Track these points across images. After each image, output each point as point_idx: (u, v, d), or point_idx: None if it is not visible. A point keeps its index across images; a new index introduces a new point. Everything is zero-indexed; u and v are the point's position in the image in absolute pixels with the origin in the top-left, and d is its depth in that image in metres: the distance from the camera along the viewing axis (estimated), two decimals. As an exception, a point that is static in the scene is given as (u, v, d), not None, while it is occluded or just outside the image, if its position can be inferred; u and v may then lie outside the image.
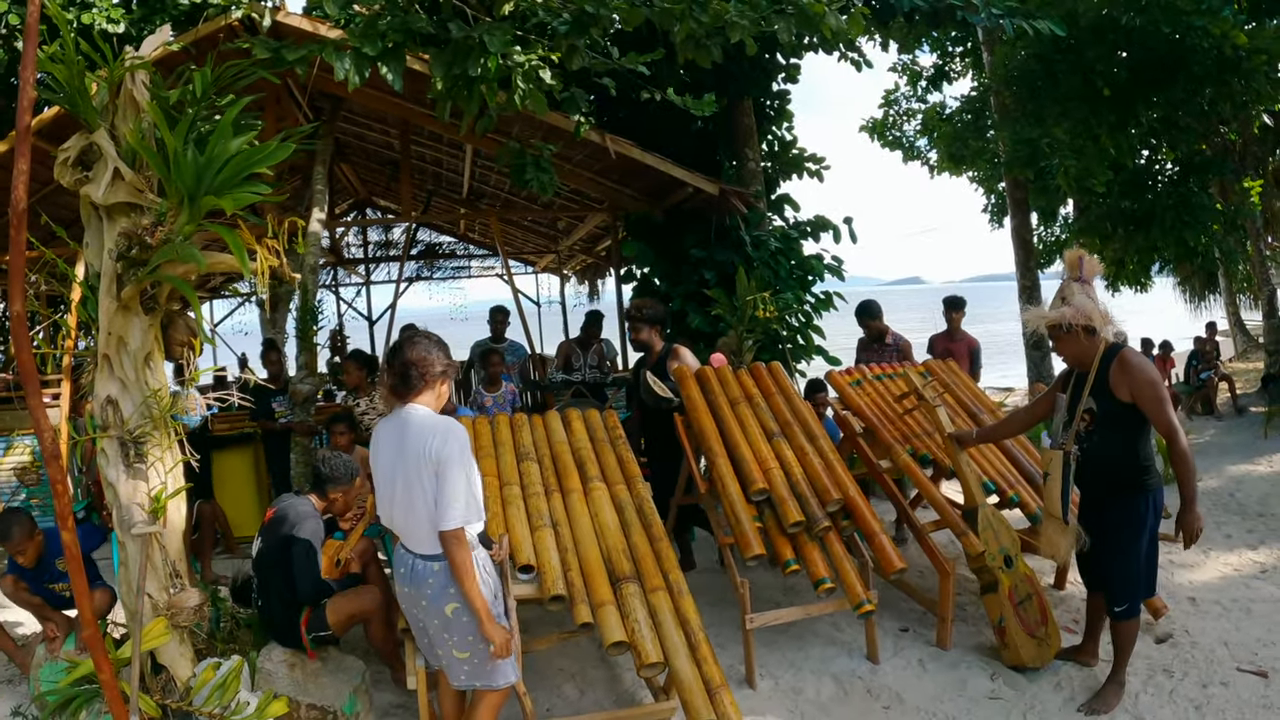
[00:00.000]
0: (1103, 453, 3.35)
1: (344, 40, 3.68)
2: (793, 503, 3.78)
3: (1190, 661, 3.69)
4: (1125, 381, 3.24)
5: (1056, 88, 7.24)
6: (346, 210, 11.65)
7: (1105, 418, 3.32)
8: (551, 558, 3.39)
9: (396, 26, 3.60)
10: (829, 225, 7.36)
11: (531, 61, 3.78)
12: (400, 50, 3.71)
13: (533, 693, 3.59)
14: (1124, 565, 3.32)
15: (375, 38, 3.59)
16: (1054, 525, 3.50)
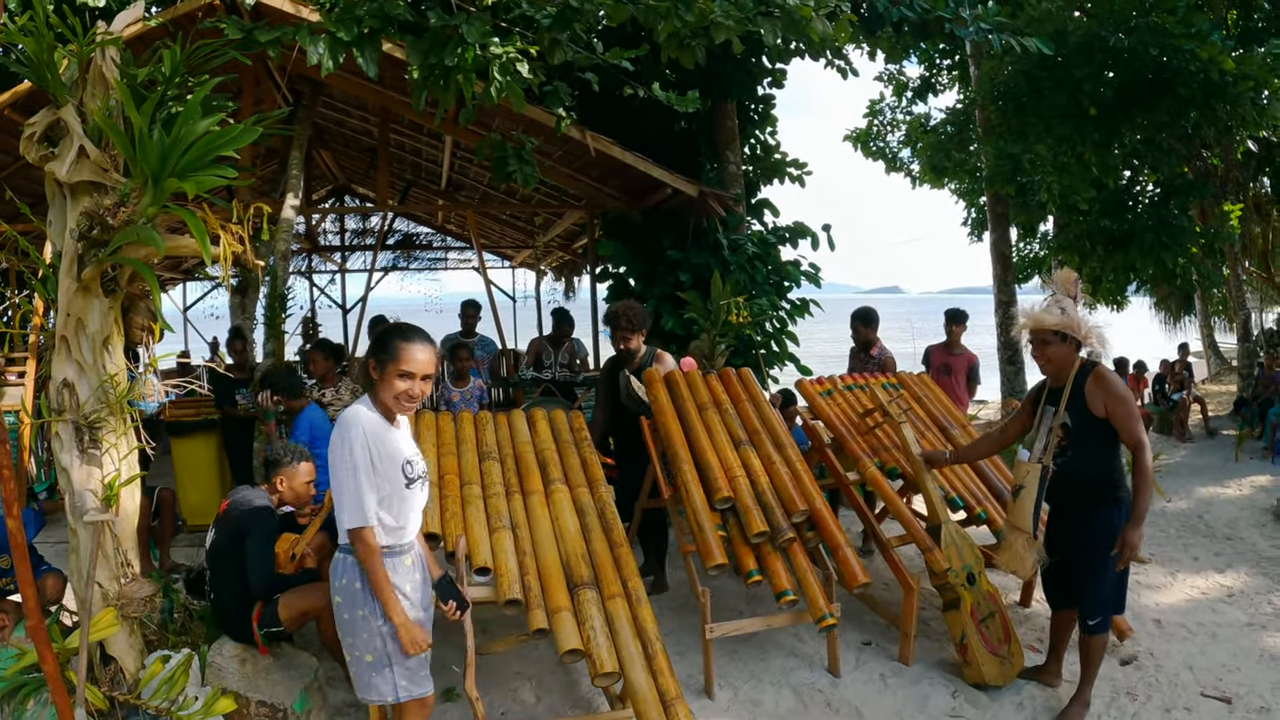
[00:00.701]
0: (1077, 468, 3.39)
1: (319, 24, 3.60)
2: (757, 512, 3.76)
3: (1154, 685, 3.72)
4: (1100, 396, 3.29)
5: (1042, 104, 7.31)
6: (324, 196, 11.49)
7: (1080, 433, 3.37)
8: (509, 561, 3.34)
9: (374, 13, 3.53)
10: (807, 232, 7.37)
11: (509, 54, 3.72)
12: (376, 37, 3.64)
13: (488, 696, 3.55)
14: (1098, 579, 3.35)
15: (351, 23, 3.52)
16: (1022, 540, 3.51)
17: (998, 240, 8.68)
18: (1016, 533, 3.54)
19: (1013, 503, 3.58)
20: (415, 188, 10.46)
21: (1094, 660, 3.44)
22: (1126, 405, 3.30)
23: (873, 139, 9.53)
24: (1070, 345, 3.39)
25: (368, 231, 12.73)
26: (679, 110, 4.86)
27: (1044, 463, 3.44)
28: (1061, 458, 3.42)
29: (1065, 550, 3.48)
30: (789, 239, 7.47)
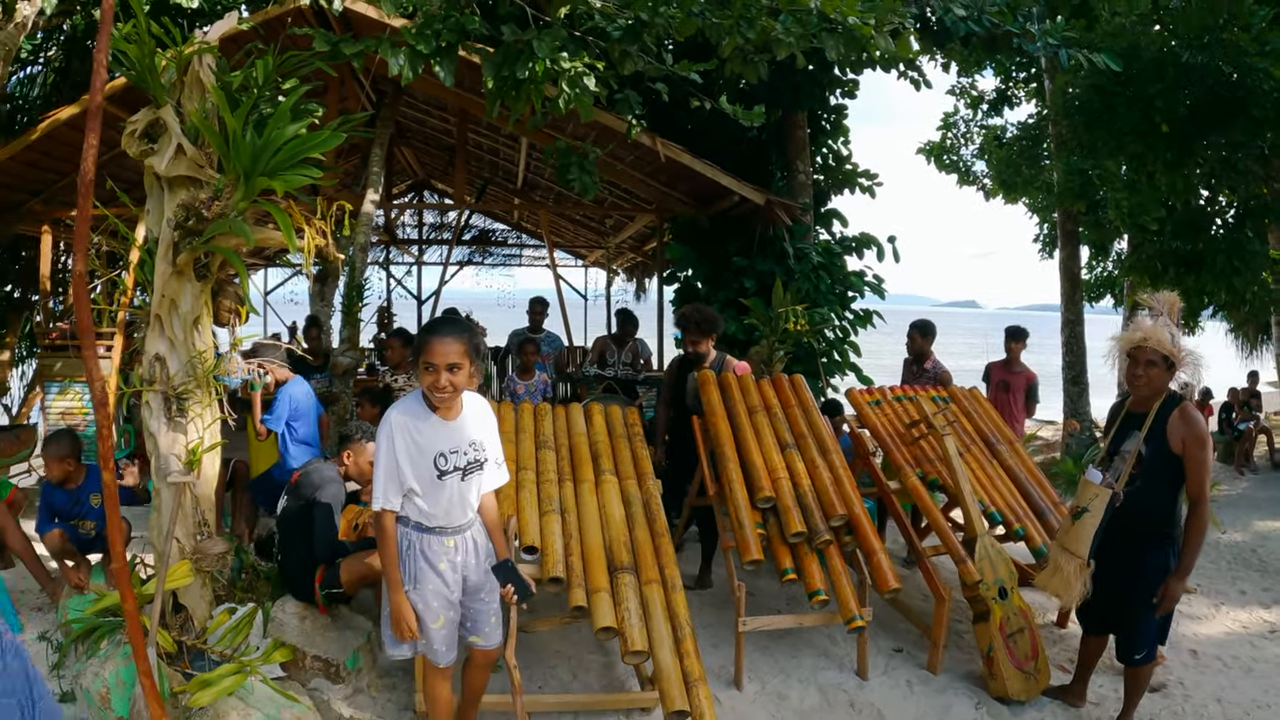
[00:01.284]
0: (1143, 501, 3.29)
1: (400, 38, 3.86)
2: (796, 513, 3.86)
3: (1179, 714, 3.67)
4: (1181, 433, 3.19)
5: (1114, 121, 7.12)
6: (404, 190, 11.99)
7: (1152, 465, 3.27)
8: (555, 542, 3.53)
9: (452, 27, 3.78)
10: (873, 242, 7.38)
11: (577, 68, 3.92)
12: (454, 49, 3.89)
13: (528, 670, 3.75)
14: (1146, 616, 3.29)
15: (430, 37, 3.78)
16: (1074, 565, 3.37)
17: (1067, 258, 8.47)
18: (1069, 557, 3.40)
19: (1070, 525, 3.43)
20: (492, 186, 10.83)
21: (1140, 689, 3.42)
22: (1205, 451, 3.18)
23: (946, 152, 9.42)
24: (1169, 372, 3.27)
25: (445, 226, 13.21)
26: (741, 122, 4.97)
27: (1115, 489, 3.30)
28: (1129, 487, 3.30)
29: (1113, 582, 3.36)
30: (855, 249, 7.50)
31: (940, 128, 9.21)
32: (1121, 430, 3.43)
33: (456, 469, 2.73)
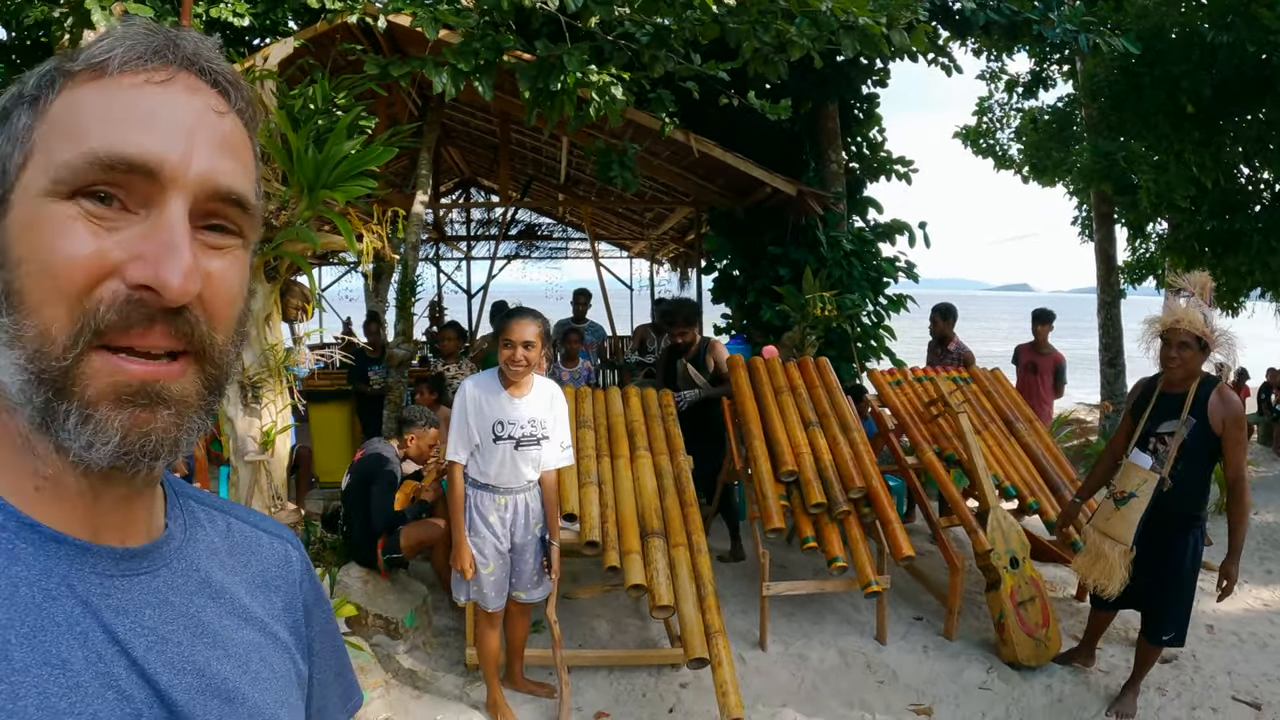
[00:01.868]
0: (1187, 484, 3.29)
1: (442, 58, 4.21)
2: (817, 485, 4.12)
3: (1187, 685, 3.79)
4: (1222, 414, 3.22)
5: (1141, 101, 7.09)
6: (452, 188, 12.43)
7: (1193, 447, 3.28)
8: (593, 510, 3.87)
9: (489, 45, 4.12)
10: (905, 228, 7.53)
11: (605, 79, 4.22)
12: (492, 66, 4.22)
13: (570, 630, 4.10)
14: (1184, 597, 3.34)
15: (470, 55, 4.11)
16: (1119, 552, 3.35)
17: (1102, 240, 8.44)
18: (1112, 544, 3.36)
19: (1115, 511, 3.39)
20: (537, 182, 11.19)
21: (1150, 662, 3.54)
22: (1243, 431, 3.25)
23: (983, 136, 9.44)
24: (1203, 353, 3.27)
25: (491, 222, 13.64)
26: (769, 116, 5.20)
27: (1163, 475, 3.27)
28: (1172, 471, 3.29)
29: (1141, 565, 3.35)
30: (886, 235, 7.65)
31: (976, 112, 9.24)
32: (1156, 412, 3.39)
33: (511, 438, 3.19)
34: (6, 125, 0.54)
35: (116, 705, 0.52)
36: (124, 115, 0.51)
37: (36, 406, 0.51)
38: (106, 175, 0.50)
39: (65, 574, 0.53)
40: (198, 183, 0.52)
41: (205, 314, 0.53)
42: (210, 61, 0.56)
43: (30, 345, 0.50)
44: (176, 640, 0.57)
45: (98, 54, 0.53)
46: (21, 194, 0.52)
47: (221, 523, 0.68)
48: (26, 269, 0.50)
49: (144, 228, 0.51)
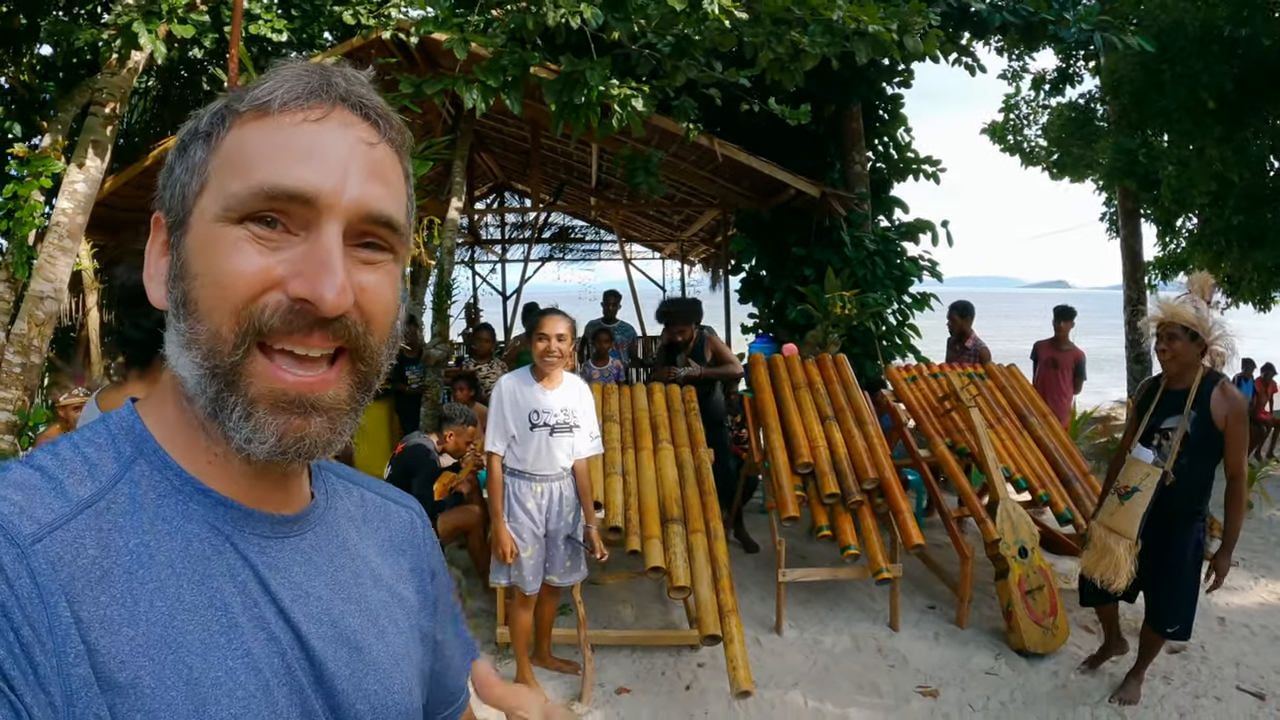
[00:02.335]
0: (1190, 479, 3.33)
1: (473, 75, 4.47)
2: (831, 476, 4.30)
3: (1193, 674, 3.81)
4: (1225, 409, 3.26)
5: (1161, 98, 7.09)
6: (486, 193, 12.76)
7: (1197, 443, 3.32)
8: (617, 498, 4.09)
9: (516, 62, 4.38)
10: (927, 227, 7.64)
11: (624, 93, 4.45)
12: (519, 81, 4.48)
13: (596, 613, 4.34)
14: (1188, 590, 3.37)
15: (498, 72, 4.37)
16: (1124, 546, 3.36)
17: (1128, 236, 8.42)
18: (1118, 539, 3.38)
19: (1119, 506, 3.41)
20: (569, 186, 11.46)
21: (1154, 650, 3.57)
22: (1245, 426, 3.28)
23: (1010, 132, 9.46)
24: (1196, 346, 3.31)
25: (525, 225, 13.96)
26: (789, 122, 5.36)
27: (1166, 469, 3.32)
28: (1176, 465, 3.33)
29: (1149, 559, 3.38)
30: (910, 234, 7.77)
31: (1002, 109, 9.28)
32: (1160, 408, 3.45)
33: (546, 425, 3.45)
34: (185, 157, 0.62)
35: (266, 644, 0.60)
36: (285, 151, 0.59)
37: (209, 397, 0.59)
38: (270, 204, 0.58)
39: (230, 533, 0.62)
40: (351, 208, 0.59)
41: (362, 319, 0.60)
42: (361, 96, 0.63)
43: (204, 345, 0.58)
44: (317, 595, 0.65)
45: (261, 96, 0.60)
46: (198, 218, 0.60)
47: (356, 493, 0.77)
48: (201, 281, 0.59)
49: (303, 248, 0.59)
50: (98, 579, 0.54)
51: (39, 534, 0.53)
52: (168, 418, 0.63)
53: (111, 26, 4.45)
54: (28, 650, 0.49)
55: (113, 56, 4.57)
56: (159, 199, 0.65)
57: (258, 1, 5.93)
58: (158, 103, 8.19)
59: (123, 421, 0.63)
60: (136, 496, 0.59)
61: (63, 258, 4.91)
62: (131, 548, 0.56)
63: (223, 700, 0.55)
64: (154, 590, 0.56)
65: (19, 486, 0.55)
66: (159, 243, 0.64)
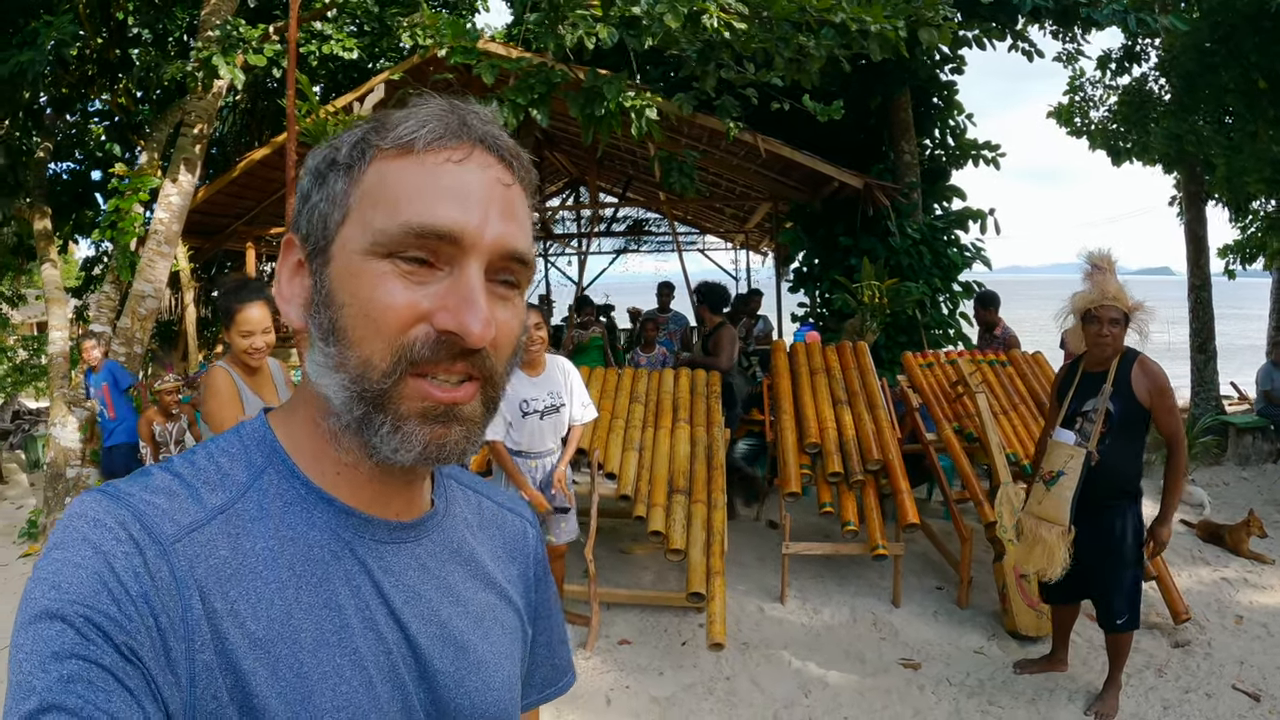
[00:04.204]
0: (1113, 460, 3.25)
1: (504, 94, 4.91)
2: (836, 456, 4.55)
3: (1189, 670, 3.74)
4: (1147, 385, 3.21)
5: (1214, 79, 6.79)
6: (561, 188, 13.31)
7: (1122, 423, 3.24)
8: (630, 470, 4.47)
9: (542, 80, 4.82)
10: (976, 215, 7.65)
11: (640, 104, 4.82)
12: (547, 97, 4.91)
13: (619, 577, 4.74)
14: (1123, 578, 3.26)
15: (527, 90, 4.82)
16: (1055, 534, 3.27)
17: (1191, 221, 8.07)
18: (1049, 526, 3.29)
19: (1046, 492, 3.33)
20: (636, 181, 11.86)
21: (1123, 654, 3.37)
22: (1170, 397, 3.21)
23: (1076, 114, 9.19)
24: (1127, 328, 3.27)
25: (600, 219, 14.48)
26: (819, 118, 5.53)
27: (1089, 449, 3.24)
28: (1100, 446, 3.25)
29: (1084, 548, 3.28)
30: (959, 223, 7.79)
31: (1067, 91, 9.04)
32: (1080, 392, 3.37)
33: (536, 411, 3.81)
34: (324, 186, 0.65)
35: (374, 643, 0.64)
36: (432, 191, 0.61)
37: (356, 416, 0.62)
38: (419, 241, 0.60)
39: (350, 539, 0.65)
40: (491, 247, 0.62)
41: (494, 350, 0.63)
42: (496, 139, 0.65)
43: (354, 371, 0.61)
44: (428, 598, 0.69)
45: (404, 134, 0.62)
46: (341, 248, 0.63)
47: (474, 500, 0.81)
48: (349, 312, 0.61)
49: (449, 283, 0.61)
50: (228, 576, 0.59)
51: (179, 535, 0.58)
52: (298, 429, 0.67)
53: (194, 60, 5.12)
54: (164, 635, 0.55)
55: (198, 87, 5.24)
56: (294, 223, 0.67)
57: (330, 23, 6.56)
58: (245, 115, 8.99)
59: (255, 432, 0.68)
60: (265, 504, 0.63)
61: (161, 261, 5.67)
62: (258, 551, 0.61)
63: (327, 693, 0.60)
64: (275, 590, 0.61)
65: (162, 492, 0.60)
66: (292, 263, 0.67)
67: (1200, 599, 4.48)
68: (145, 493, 0.60)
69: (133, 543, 0.56)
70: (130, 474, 0.63)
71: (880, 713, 3.43)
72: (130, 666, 0.52)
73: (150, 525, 0.58)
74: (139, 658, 0.53)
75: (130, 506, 0.58)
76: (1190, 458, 6.94)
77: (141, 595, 0.55)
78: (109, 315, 5.85)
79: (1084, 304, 3.34)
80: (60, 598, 0.53)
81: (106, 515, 0.57)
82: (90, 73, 6.72)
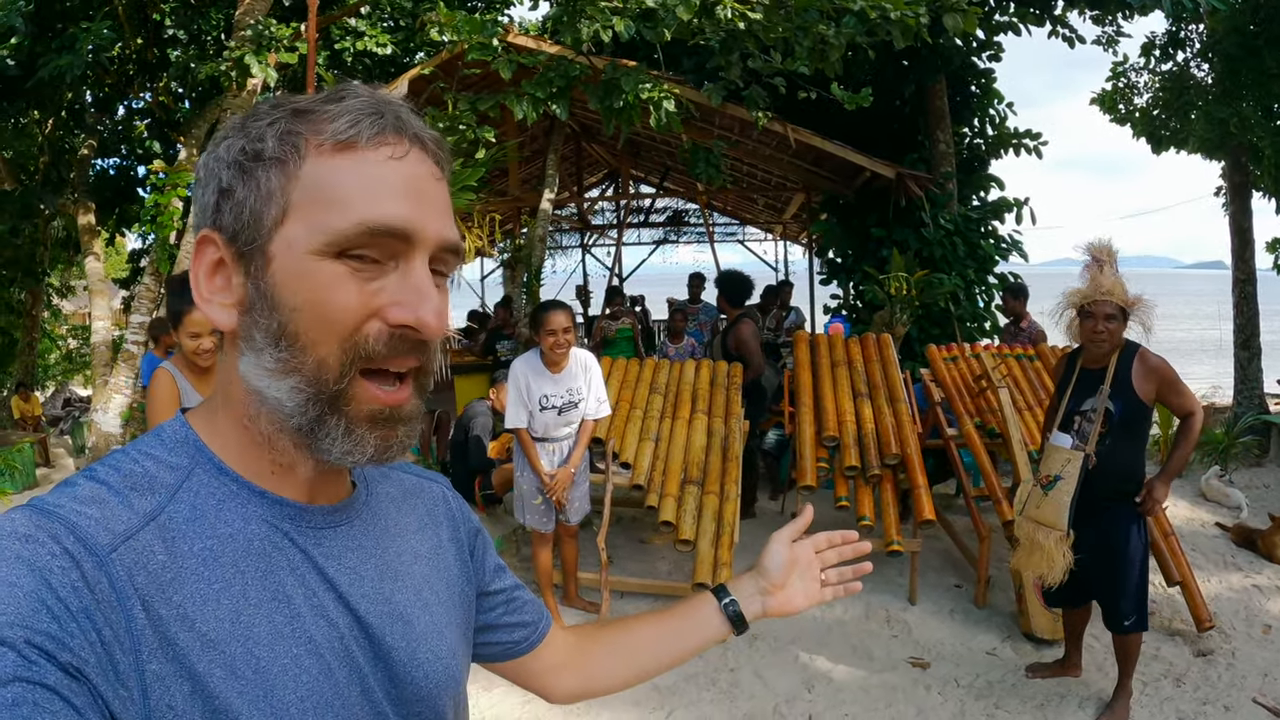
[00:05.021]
0: (1114, 460, 3.16)
1: (523, 89, 4.96)
2: (854, 450, 4.51)
3: (1209, 680, 3.60)
4: (1153, 379, 3.12)
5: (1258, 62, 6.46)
6: (600, 180, 13.36)
7: (1123, 421, 3.14)
8: (645, 460, 4.49)
9: (561, 74, 4.87)
10: (1010, 205, 7.49)
11: (656, 96, 4.83)
12: (566, 91, 4.95)
13: (636, 566, 4.79)
14: (1135, 579, 3.17)
15: (546, 84, 4.87)
16: (1054, 538, 3.21)
17: (1235, 212, 7.75)
18: (1047, 531, 3.23)
19: (1043, 497, 3.26)
20: (673, 171, 11.85)
21: (1132, 657, 3.27)
22: (1178, 383, 3.13)
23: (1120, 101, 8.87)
24: (1125, 323, 3.16)
25: (637, 210, 14.50)
26: (847, 106, 5.45)
27: (1087, 452, 3.14)
28: (1099, 448, 3.15)
29: (1088, 551, 3.20)
30: (994, 214, 7.64)
31: (1110, 77, 8.73)
32: (1078, 390, 3.27)
33: (554, 407, 3.94)
34: (250, 181, 0.62)
35: (327, 629, 0.65)
36: (381, 188, 0.61)
37: (309, 419, 0.62)
38: (372, 240, 0.60)
39: (288, 529, 0.66)
40: (434, 240, 0.63)
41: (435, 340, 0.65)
42: (425, 132, 0.66)
43: (308, 373, 0.61)
44: (369, 576, 0.70)
45: (343, 130, 0.61)
46: (283, 248, 0.61)
47: (392, 476, 0.82)
48: (301, 315, 0.61)
49: (396, 278, 0.62)
50: (169, 581, 0.58)
51: (114, 544, 0.57)
52: (223, 430, 0.67)
53: (227, 60, 5.28)
54: (108, 648, 0.54)
55: (231, 85, 5.40)
56: (209, 219, 0.64)
57: (364, 20, 6.69)
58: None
59: (177, 433, 0.67)
60: (197, 504, 0.62)
61: (198, 254, 5.84)
62: (197, 551, 0.60)
63: (289, 685, 0.61)
64: (221, 589, 0.60)
65: (91, 501, 0.59)
66: (210, 261, 0.65)
67: (1228, 606, 4.33)
68: (75, 503, 0.58)
69: (68, 556, 0.55)
70: (54, 487, 0.62)
71: (883, 711, 3.41)
72: (76, 684, 0.51)
73: (84, 537, 0.56)
74: (84, 675, 0.52)
75: (61, 519, 0.56)
76: (1230, 458, 6.72)
77: (82, 610, 0.53)
78: (149, 306, 6.09)
79: (1078, 299, 3.22)
80: None
81: (38, 530, 0.55)
82: (130, 72, 6.97)
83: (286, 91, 1.89)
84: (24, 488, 7.28)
